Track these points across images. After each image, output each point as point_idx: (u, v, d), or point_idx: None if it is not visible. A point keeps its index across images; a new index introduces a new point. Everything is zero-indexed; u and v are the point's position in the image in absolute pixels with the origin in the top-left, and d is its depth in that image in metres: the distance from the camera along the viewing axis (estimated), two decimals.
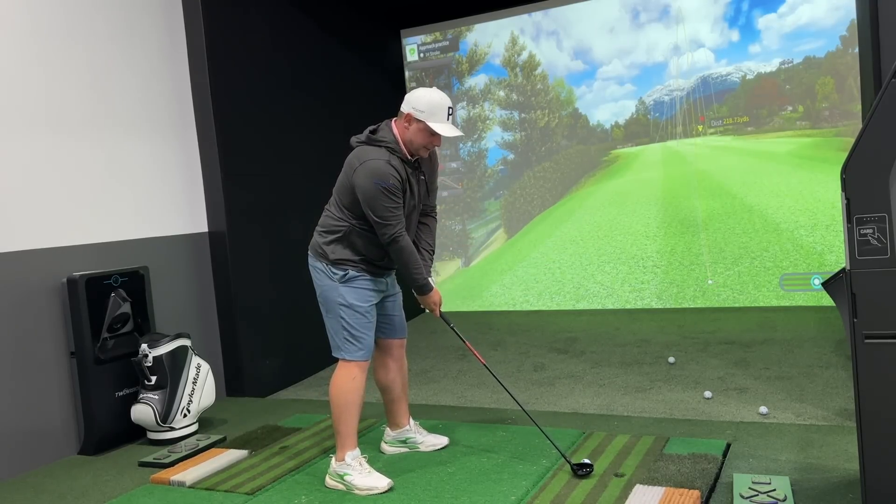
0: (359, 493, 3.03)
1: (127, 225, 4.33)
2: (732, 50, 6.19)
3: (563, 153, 6.92)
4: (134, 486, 3.34)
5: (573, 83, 6.82)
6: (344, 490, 3.07)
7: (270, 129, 5.14)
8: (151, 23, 4.55)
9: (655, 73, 6.50)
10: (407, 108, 3.03)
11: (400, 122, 3.06)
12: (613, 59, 6.65)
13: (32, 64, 3.85)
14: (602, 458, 3.13)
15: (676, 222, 6.51)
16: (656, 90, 6.53)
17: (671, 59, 6.41)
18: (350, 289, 3.09)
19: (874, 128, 2.12)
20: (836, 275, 2.43)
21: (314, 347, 5.39)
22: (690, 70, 6.37)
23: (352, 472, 3.06)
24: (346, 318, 3.09)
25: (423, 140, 3.02)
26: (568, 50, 6.80)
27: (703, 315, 6.15)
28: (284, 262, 5.09)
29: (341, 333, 3.11)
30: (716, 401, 3.88)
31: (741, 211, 6.26)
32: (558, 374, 4.74)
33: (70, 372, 3.92)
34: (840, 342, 4.79)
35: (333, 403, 3.10)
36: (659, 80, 6.50)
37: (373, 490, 3.02)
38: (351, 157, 3.07)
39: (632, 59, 6.58)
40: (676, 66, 6.38)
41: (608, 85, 6.68)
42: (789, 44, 6.02)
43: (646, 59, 6.53)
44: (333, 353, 3.16)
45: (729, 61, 6.23)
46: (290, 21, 5.50)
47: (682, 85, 6.41)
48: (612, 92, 6.68)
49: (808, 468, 2.89)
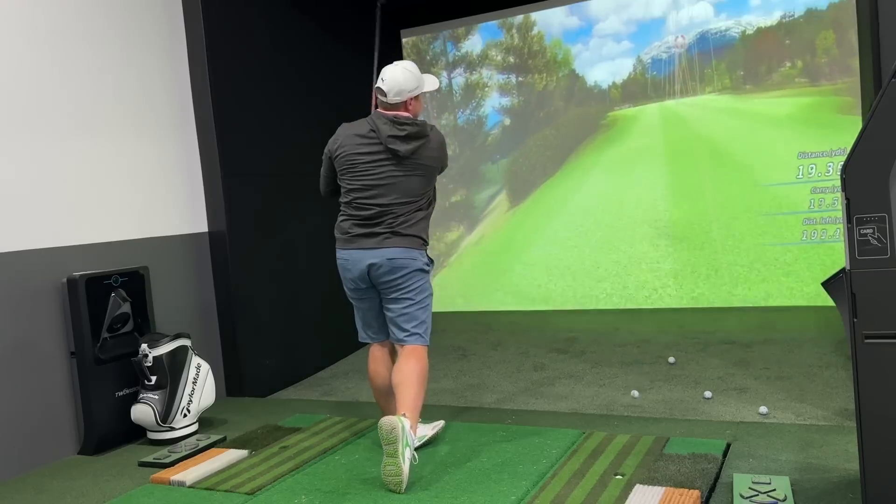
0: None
1: (127, 225, 4.33)
2: (732, 2, 6.08)
3: (561, 119, 6.81)
4: (134, 486, 3.34)
5: (569, 41, 6.72)
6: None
7: (270, 129, 5.14)
8: (151, 23, 4.55)
9: (654, 29, 6.38)
10: (402, 97, 3.21)
11: (396, 108, 3.23)
12: (610, 15, 6.56)
13: (31, 64, 3.85)
14: (602, 458, 3.13)
15: (682, 193, 6.41)
16: (654, 47, 6.40)
17: (669, 14, 6.28)
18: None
19: (874, 128, 2.12)
20: (836, 275, 2.43)
21: (314, 347, 5.40)
22: (689, 25, 6.28)
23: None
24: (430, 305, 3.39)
25: (421, 105, 3.35)
26: (563, 8, 6.69)
27: (703, 315, 6.15)
28: (284, 262, 5.09)
29: (428, 321, 3.37)
30: (716, 401, 3.88)
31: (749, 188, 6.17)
32: (558, 374, 4.74)
33: (70, 372, 3.91)
34: (840, 342, 4.79)
35: (421, 385, 3.24)
36: (657, 37, 6.38)
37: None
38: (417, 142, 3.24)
39: (629, 14, 6.46)
40: (675, 21, 6.29)
41: (605, 42, 6.56)
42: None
43: (643, 15, 6.46)
44: (423, 342, 3.32)
45: (728, 15, 6.15)
46: (290, 21, 5.49)
47: (680, 42, 6.33)
48: (609, 50, 6.55)
49: (808, 468, 2.89)
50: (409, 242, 3.25)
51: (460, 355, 5.49)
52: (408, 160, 3.20)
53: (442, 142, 3.34)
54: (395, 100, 3.18)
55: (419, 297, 3.28)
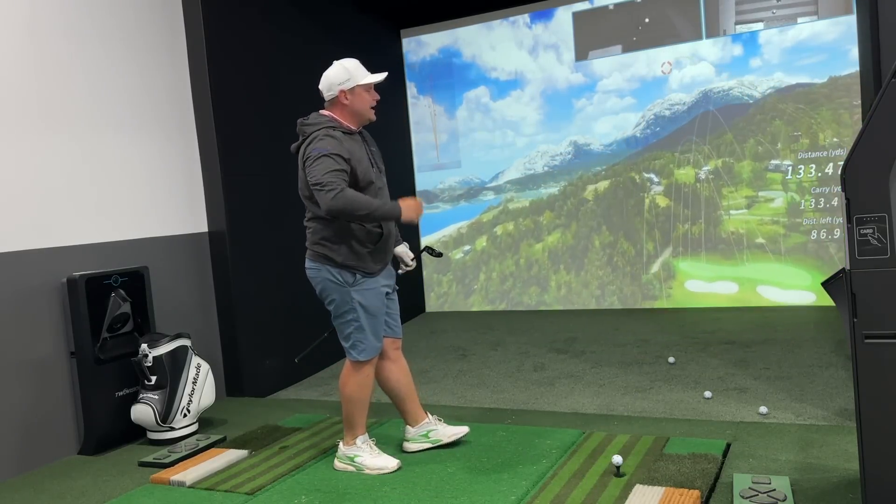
0: (369, 472, 3.16)
1: (127, 225, 4.33)
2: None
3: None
4: (134, 486, 3.34)
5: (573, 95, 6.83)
6: (353, 471, 3.18)
7: (270, 129, 5.14)
8: (151, 23, 4.55)
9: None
10: (333, 91, 3.11)
11: (334, 107, 3.13)
12: (613, 73, 6.64)
13: (32, 64, 3.85)
14: (602, 458, 3.13)
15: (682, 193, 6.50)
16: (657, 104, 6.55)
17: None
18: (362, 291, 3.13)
19: (874, 128, 2.11)
20: (836, 275, 2.43)
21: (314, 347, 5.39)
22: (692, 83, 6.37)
23: (362, 454, 3.21)
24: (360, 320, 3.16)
25: (366, 100, 3.13)
26: (567, 62, 6.80)
27: (703, 315, 6.15)
28: (284, 262, 5.09)
29: (354, 337, 3.17)
30: (716, 401, 3.88)
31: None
32: (558, 374, 4.74)
33: (70, 372, 3.92)
34: (840, 342, 4.79)
35: (348, 400, 3.20)
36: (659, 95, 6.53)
37: (383, 469, 3.15)
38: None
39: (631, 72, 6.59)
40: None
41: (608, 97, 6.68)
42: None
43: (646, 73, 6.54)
44: (350, 357, 3.20)
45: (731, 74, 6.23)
46: (290, 21, 5.50)
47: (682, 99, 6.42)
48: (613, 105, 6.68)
49: (808, 468, 2.89)
50: (313, 255, 3.17)
51: (460, 355, 5.49)
52: (298, 159, 3.14)
53: (314, 152, 2.97)
54: (328, 96, 3.14)
55: (336, 313, 3.17)
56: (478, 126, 7.28)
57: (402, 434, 3.49)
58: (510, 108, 7.15)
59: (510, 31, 7.02)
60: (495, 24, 7.08)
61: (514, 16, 6.99)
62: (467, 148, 7.35)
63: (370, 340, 3.16)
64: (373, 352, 3.18)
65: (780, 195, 6.20)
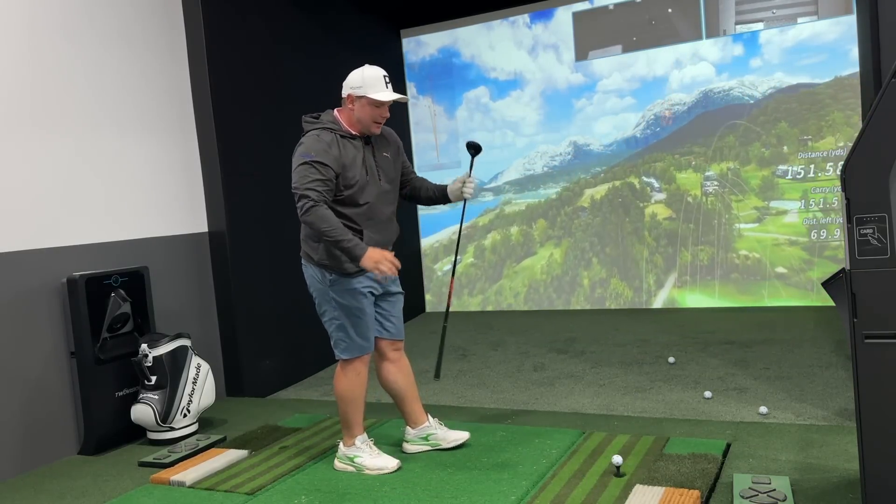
0: (369, 472, 3.17)
1: (127, 225, 4.33)
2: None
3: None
4: (134, 486, 3.34)
5: (573, 96, 6.82)
6: (353, 471, 3.19)
7: (271, 129, 5.14)
8: (151, 23, 4.55)
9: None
10: (345, 91, 3.11)
11: (343, 109, 3.14)
12: (613, 73, 6.64)
13: (32, 64, 3.85)
14: (602, 458, 3.13)
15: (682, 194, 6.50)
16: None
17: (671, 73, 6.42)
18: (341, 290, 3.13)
19: (874, 128, 2.11)
20: (836, 275, 2.43)
21: (314, 347, 5.39)
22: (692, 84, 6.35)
23: (361, 454, 3.22)
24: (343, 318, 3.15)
25: (370, 113, 3.09)
26: (567, 62, 6.80)
27: (703, 315, 6.15)
28: (284, 262, 5.08)
29: (337, 335, 3.18)
30: (716, 401, 3.88)
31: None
32: (558, 374, 4.74)
33: (70, 372, 3.92)
34: (840, 342, 4.79)
35: (340, 399, 3.21)
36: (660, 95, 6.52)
37: (383, 469, 3.16)
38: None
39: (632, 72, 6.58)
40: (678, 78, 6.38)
41: (608, 97, 6.67)
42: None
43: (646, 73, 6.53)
44: (338, 356, 3.21)
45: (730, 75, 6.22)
46: (290, 21, 5.50)
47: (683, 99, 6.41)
48: (613, 105, 6.68)
49: (808, 468, 2.89)
50: (301, 252, 3.24)
51: (460, 355, 5.49)
52: None
53: (297, 156, 3.03)
54: (342, 94, 3.15)
55: (318, 310, 3.22)
56: (477, 126, 7.28)
57: (402, 434, 3.50)
58: (510, 109, 7.15)
59: (510, 31, 7.02)
60: (495, 24, 7.08)
61: (513, 16, 6.99)
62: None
63: (353, 339, 3.16)
64: (357, 351, 3.18)
65: (793, 205, 6.09)
